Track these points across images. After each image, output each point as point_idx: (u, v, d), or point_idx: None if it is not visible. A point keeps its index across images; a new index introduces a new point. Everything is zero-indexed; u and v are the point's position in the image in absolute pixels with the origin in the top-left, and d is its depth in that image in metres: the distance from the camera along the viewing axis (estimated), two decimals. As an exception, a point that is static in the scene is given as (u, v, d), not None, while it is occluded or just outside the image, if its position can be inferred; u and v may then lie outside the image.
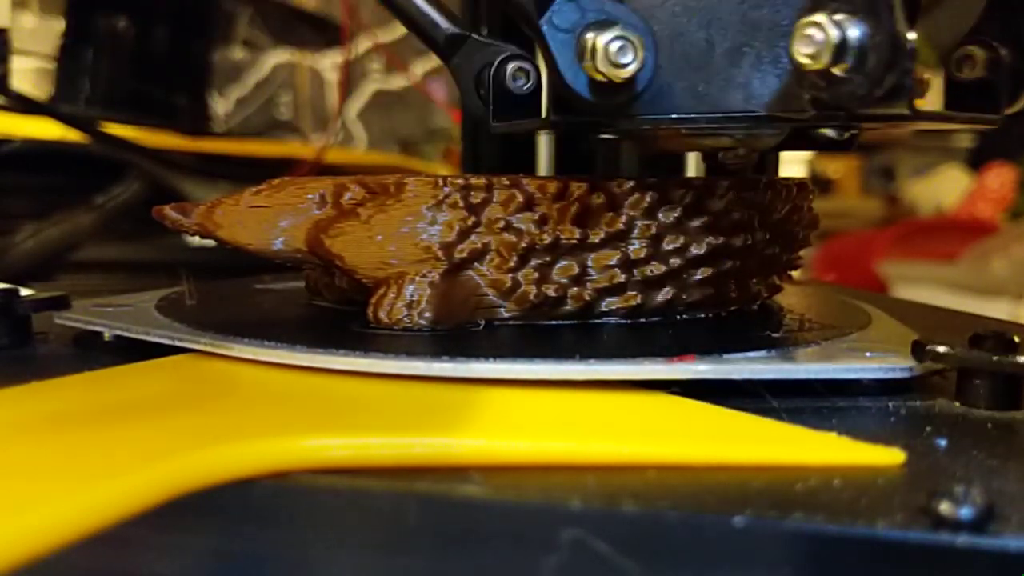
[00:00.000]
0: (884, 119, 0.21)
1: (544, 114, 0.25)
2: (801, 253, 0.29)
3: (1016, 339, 0.20)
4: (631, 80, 0.21)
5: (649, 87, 0.22)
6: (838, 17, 0.19)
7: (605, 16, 0.21)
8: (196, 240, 0.25)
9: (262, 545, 0.16)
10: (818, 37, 0.19)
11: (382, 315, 0.23)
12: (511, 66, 0.25)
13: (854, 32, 0.19)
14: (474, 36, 0.25)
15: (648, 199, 0.24)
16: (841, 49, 0.19)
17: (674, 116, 0.22)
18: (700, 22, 0.22)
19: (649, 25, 0.21)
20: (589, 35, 0.21)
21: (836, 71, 0.19)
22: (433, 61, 1.04)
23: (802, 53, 0.19)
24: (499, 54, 0.25)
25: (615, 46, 0.21)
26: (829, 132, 0.25)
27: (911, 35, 0.19)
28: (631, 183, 0.24)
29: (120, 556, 0.16)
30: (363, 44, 0.82)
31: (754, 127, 0.23)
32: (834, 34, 0.19)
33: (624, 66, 0.21)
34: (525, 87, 0.25)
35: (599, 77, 0.21)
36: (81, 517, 0.13)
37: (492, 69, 0.25)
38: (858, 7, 0.19)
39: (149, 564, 0.16)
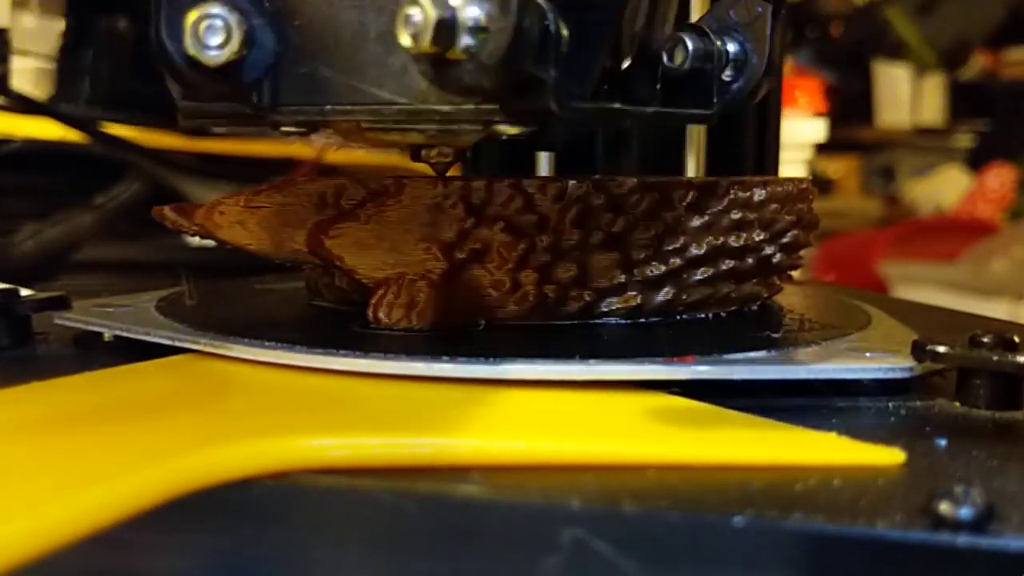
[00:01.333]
0: (522, 116, 0.19)
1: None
2: (801, 253, 0.29)
3: (1016, 339, 0.20)
4: (233, 65, 0.19)
5: (276, 74, 0.19)
6: None
7: None
8: (196, 240, 0.25)
9: (262, 545, 0.16)
10: (417, 17, 0.17)
11: (382, 315, 0.23)
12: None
13: (470, 12, 0.17)
14: None
15: (648, 199, 0.24)
16: (447, 31, 0.17)
17: (317, 108, 0.19)
18: (352, 3, 0.19)
19: (261, 5, 0.19)
20: (191, 10, 0.18)
21: (453, 56, 0.17)
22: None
23: (405, 35, 0.17)
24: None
25: (203, 26, 0.18)
26: (508, 129, 0.21)
27: (560, 25, 0.17)
28: (631, 183, 0.24)
29: (120, 556, 0.16)
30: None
31: (411, 120, 0.20)
32: (433, 14, 0.17)
33: (213, 48, 0.18)
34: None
35: (196, 58, 0.19)
36: (81, 517, 0.13)
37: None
38: None
39: (149, 564, 0.16)
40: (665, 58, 0.23)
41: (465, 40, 0.17)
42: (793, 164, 1.25)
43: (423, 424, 0.18)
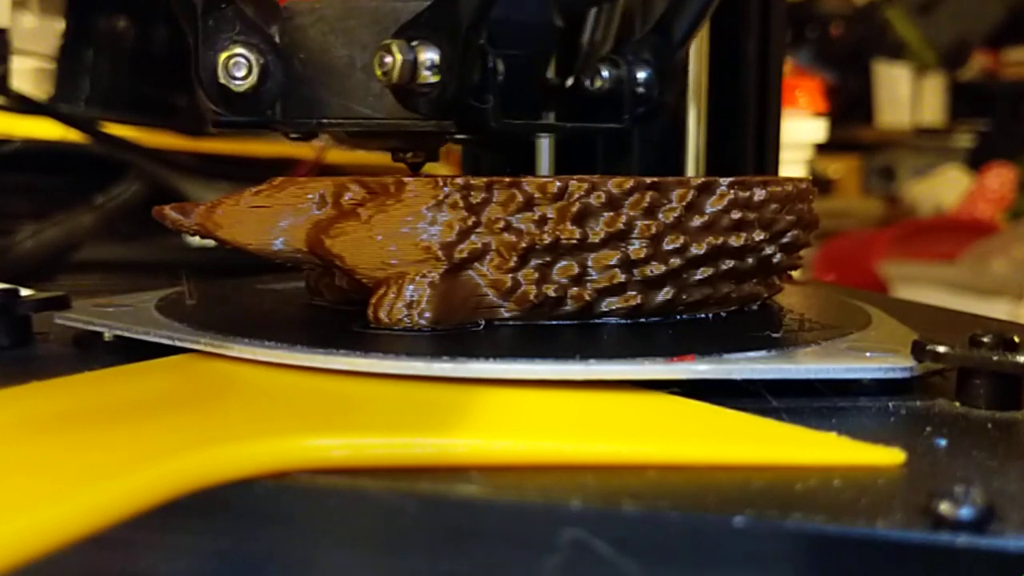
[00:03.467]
0: (467, 127, 0.26)
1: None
2: (801, 253, 0.29)
3: (1016, 339, 0.20)
4: (253, 90, 0.26)
5: (287, 96, 0.26)
6: (414, 44, 0.24)
7: (238, 37, 0.26)
8: (196, 240, 0.25)
9: (262, 545, 0.16)
10: (388, 58, 0.24)
11: (382, 315, 0.23)
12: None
13: (427, 55, 0.24)
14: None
15: (648, 199, 0.24)
16: (410, 69, 0.24)
17: (315, 121, 0.27)
18: (343, 42, 0.26)
19: (274, 45, 0.26)
20: (222, 52, 0.26)
21: (415, 86, 0.24)
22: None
23: (379, 71, 0.24)
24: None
25: (233, 62, 0.25)
26: (461, 137, 0.30)
27: (498, 62, 0.25)
28: (631, 183, 0.24)
29: (120, 556, 0.16)
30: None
31: (383, 130, 0.27)
32: (399, 57, 0.24)
33: (241, 80, 0.25)
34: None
35: (227, 86, 0.26)
36: (81, 517, 0.13)
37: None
38: (431, 38, 0.24)
39: (150, 564, 0.16)
40: (587, 83, 0.30)
41: (424, 74, 0.24)
42: (793, 164, 1.25)
43: (423, 424, 0.18)
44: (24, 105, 0.52)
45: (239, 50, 0.25)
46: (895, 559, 0.14)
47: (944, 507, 0.13)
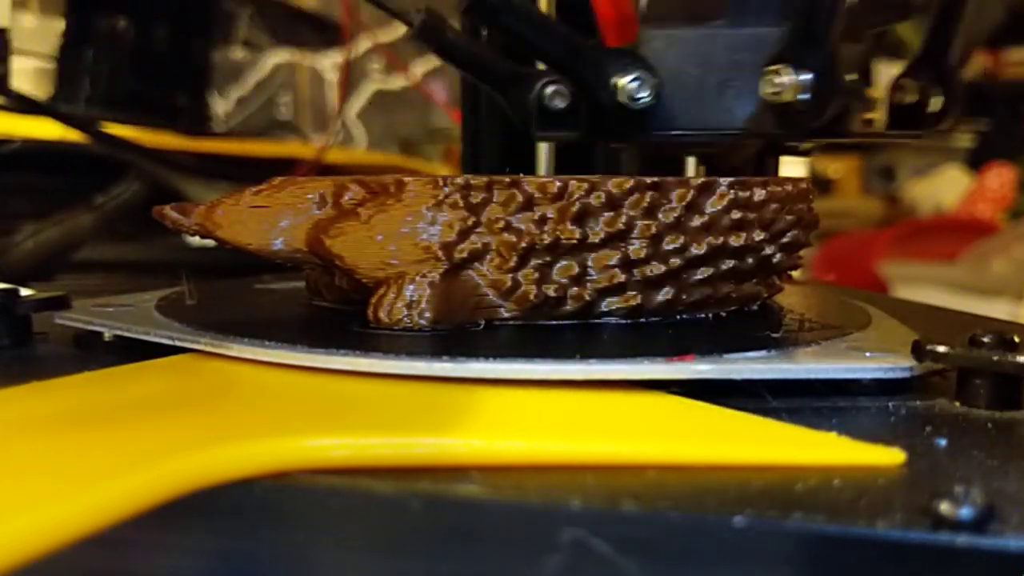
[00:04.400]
0: (828, 135, 0.31)
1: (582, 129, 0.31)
2: (801, 253, 0.29)
3: (1016, 339, 0.20)
4: (645, 109, 0.29)
5: (657, 111, 0.29)
6: (795, 66, 0.27)
7: (626, 64, 0.29)
8: (196, 240, 0.25)
9: (262, 545, 0.16)
10: (778, 80, 0.27)
11: (382, 315, 0.23)
12: (550, 89, 0.31)
13: (805, 78, 0.27)
14: (520, 70, 0.32)
15: (648, 199, 0.24)
16: (798, 88, 0.27)
17: (675, 132, 0.30)
18: (696, 62, 0.29)
19: (655, 67, 0.29)
20: (616, 78, 0.29)
21: (795, 103, 0.27)
22: (433, 61, 1.04)
23: (768, 92, 0.28)
24: (539, 79, 0.31)
25: (633, 85, 0.29)
26: (792, 144, 0.35)
27: (849, 78, 0.29)
28: (631, 183, 0.24)
29: (120, 556, 0.16)
30: (363, 44, 0.82)
31: (734, 141, 0.31)
32: (790, 80, 0.27)
33: (640, 99, 0.29)
34: (561, 105, 0.31)
35: (627, 105, 0.29)
36: (81, 517, 0.13)
37: (535, 92, 0.31)
38: (808, 60, 0.27)
39: (149, 564, 0.16)
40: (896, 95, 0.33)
41: (801, 96, 0.27)
42: (793, 164, 1.25)
43: (423, 424, 0.18)
44: (24, 105, 0.52)
45: (639, 72, 0.29)
46: (895, 559, 0.14)
47: (944, 507, 0.13)
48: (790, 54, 0.27)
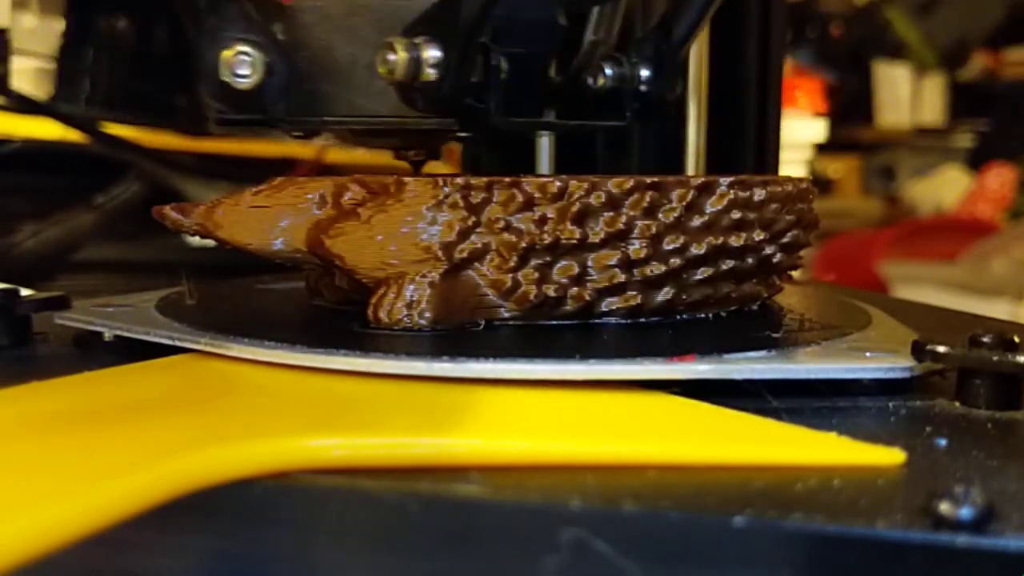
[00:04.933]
0: (464, 123, 0.26)
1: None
2: (801, 253, 0.29)
3: (1016, 339, 0.20)
4: (257, 88, 0.25)
5: (289, 94, 0.26)
6: (417, 40, 0.24)
7: (242, 34, 0.26)
8: (196, 240, 0.25)
9: (262, 545, 0.16)
10: (390, 56, 0.24)
11: (382, 315, 0.23)
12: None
13: (431, 52, 0.24)
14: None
15: (648, 199, 0.24)
16: (413, 66, 0.24)
17: (319, 119, 0.27)
18: (346, 40, 0.26)
19: (276, 43, 0.26)
20: (226, 49, 0.25)
21: (414, 83, 0.24)
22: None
23: (383, 69, 0.24)
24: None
25: (236, 60, 0.25)
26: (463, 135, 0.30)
27: (501, 60, 0.25)
28: (631, 183, 0.24)
29: (120, 556, 0.16)
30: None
31: (386, 128, 0.27)
32: (404, 55, 0.24)
33: (244, 77, 0.25)
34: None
35: (230, 83, 0.26)
36: (81, 517, 0.13)
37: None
38: (434, 35, 0.24)
39: (149, 564, 0.16)
40: (590, 80, 0.30)
41: (428, 72, 0.24)
42: (793, 164, 1.25)
43: (423, 424, 0.18)
44: (24, 105, 0.51)
45: (243, 47, 0.25)
46: (895, 559, 0.14)
47: (944, 507, 0.13)
48: (417, 27, 0.24)
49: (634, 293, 0.24)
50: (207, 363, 0.22)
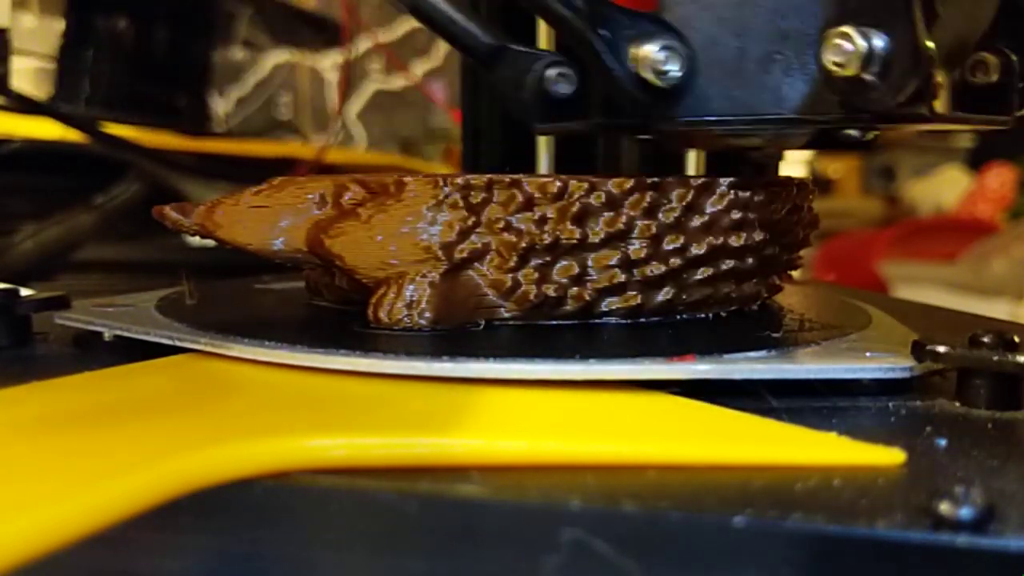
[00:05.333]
0: (905, 120, 0.24)
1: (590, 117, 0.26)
2: (801, 253, 0.29)
3: (1016, 339, 0.20)
4: (675, 86, 0.23)
5: (686, 91, 0.23)
6: (864, 28, 0.21)
7: (649, 29, 0.23)
8: (196, 240, 0.25)
9: (262, 545, 0.16)
10: (847, 47, 0.21)
11: (382, 315, 0.23)
12: (552, 72, 0.25)
13: (879, 42, 0.21)
14: (512, 46, 0.26)
15: (648, 199, 0.24)
16: (868, 58, 0.21)
17: (710, 118, 0.24)
18: (733, 31, 0.23)
19: (685, 35, 0.23)
20: (634, 46, 0.23)
21: (864, 77, 0.21)
22: (433, 61, 1.04)
23: (832, 61, 0.21)
24: (539, 59, 0.25)
25: (661, 55, 0.23)
26: (852, 132, 0.27)
27: (930, 44, 0.21)
28: (631, 183, 0.24)
29: (120, 556, 0.16)
30: (363, 44, 0.81)
31: (783, 128, 0.25)
32: (862, 44, 0.21)
33: (668, 73, 0.23)
34: (566, 91, 0.25)
35: (652, 82, 0.23)
36: (81, 517, 0.13)
37: (533, 75, 0.25)
38: (881, 20, 0.21)
39: (149, 564, 0.16)
40: (972, 75, 0.27)
41: (874, 68, 0.21)
42: (793, 164, 1.25)
43: (423, 424, 0.18)
44: (24, 105, 0.52)
45: (664, 41, 0.23)
46: (895, 559, 0.14)
47: (944, 507, 0.13)
48: (858, 12, 0.21)
49: (634, 293, 0.24)
50: (207, 363, 0.22)
